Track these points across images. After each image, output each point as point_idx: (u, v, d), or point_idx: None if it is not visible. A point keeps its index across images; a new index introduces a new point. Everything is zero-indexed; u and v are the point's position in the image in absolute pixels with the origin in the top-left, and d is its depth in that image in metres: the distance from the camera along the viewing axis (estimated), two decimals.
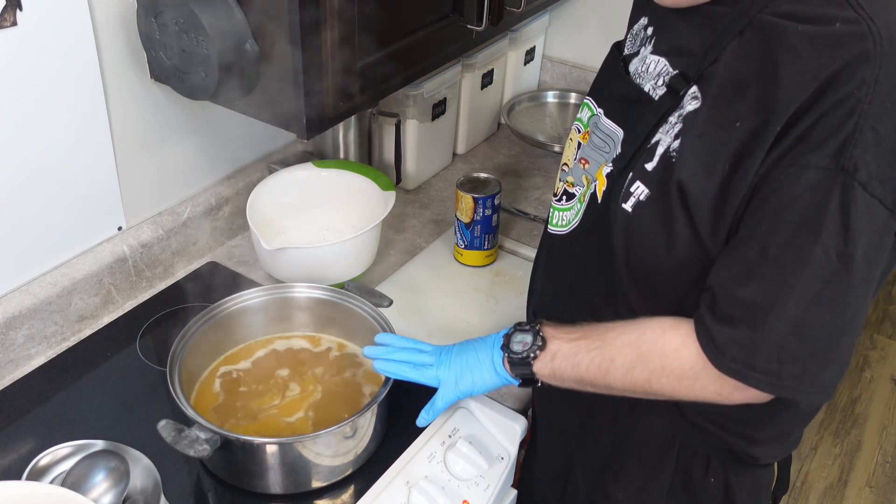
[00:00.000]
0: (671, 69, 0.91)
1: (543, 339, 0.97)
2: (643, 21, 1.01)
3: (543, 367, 0.97)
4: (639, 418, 1.05)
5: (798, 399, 0.86)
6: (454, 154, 1.89)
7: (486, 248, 1.50)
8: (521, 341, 0.99)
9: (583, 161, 1.04)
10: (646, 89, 0.94)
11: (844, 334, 0.82)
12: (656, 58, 0.94)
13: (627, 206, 0.92)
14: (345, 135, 1.59)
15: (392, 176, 1.65)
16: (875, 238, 0.79)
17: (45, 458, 1.06)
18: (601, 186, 0.98)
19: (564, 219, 1.07)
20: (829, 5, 0.81)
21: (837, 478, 2.56)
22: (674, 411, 1.01)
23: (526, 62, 2.02)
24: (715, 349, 0.84)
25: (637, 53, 0.99)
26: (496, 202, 1.46)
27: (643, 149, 0.91)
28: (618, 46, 1.06)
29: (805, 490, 2.51)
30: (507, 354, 1.00)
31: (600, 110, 1.03)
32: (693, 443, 1.03)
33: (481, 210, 1.45)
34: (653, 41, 0.96)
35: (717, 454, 1.04)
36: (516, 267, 1.54)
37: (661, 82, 0.92)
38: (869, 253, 0.79)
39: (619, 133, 0.97)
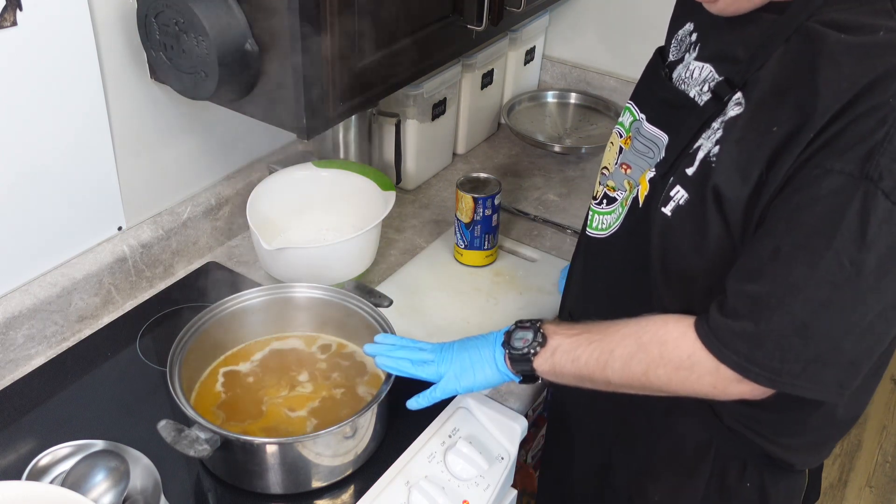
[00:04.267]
0: (716, 75, 0.92)
1: (544, 336, 0.99)
2: (688, 27, 1.00)
3: (543, 363, 0.98)
4: (675, 422, 1.05)
5: (800, 395, 0.86)
6: (454, 154, 1.89)
7: (486, 248, 1.50)
8: (522, 338, 1.00)
9: (624, 166, 1.04)
10: (691, 95, 0.94)
11: (847, 338, 0.82)
12: (701, 64, 0.95)
13: (667, 211, 0.92)
14: (345, 135, 1.59)
15: (392, 176, 1.65)
16: (895, 246, 0.79)
17: (45, 458, 1.06)
18: (643, 191, 0.98)
19: (605, 222, 1.07)
20: (875, 15, 0.81)
21: (837, 478, 2.56)
22: (710, 416, 1.01)
23: (526, 62, 2.02)
24: (716, 340, 0.85)
25: (682, 60, 0.99)
26: (496, 202, 1.46)
27: (685, 154, 0.92)
28: (661, 52, 1.06)
29: None
30: (508, 351, 1.01)
31: (642, 115, 1.03)
32: (730, 447, 1.03)
33: (481, 210, 1.45)
34: (697, 47, 0.97)
35: (754, 459, 1.04)
36: (516, 267, 1.54)
37: (706, 88, 0.92)
38: (886, 261, 0.79)
39: (664, 138, 0.97)
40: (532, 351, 0.99)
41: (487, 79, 1.86)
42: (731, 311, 0.85)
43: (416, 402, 1.08)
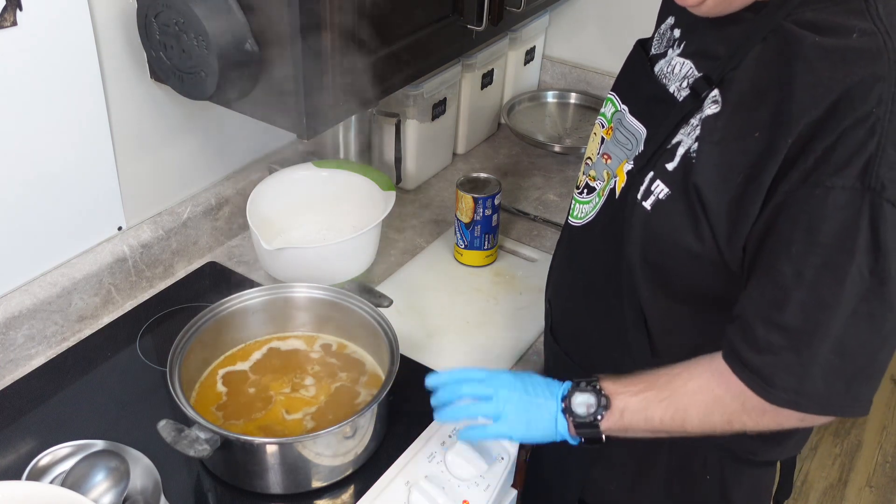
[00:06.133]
0: (696, 72, 0.92)
1: (607, 398, 0.94)
2: (670, 21, 1.01)
3: (612, 425, 0.95)
4: None
5: (844, 416, 0.87)
6: (454, 154, 1.89)
7: (486, 248, 1.50)
8: (584, 403, 0.95)
9: (605, 156, 1.05)
10: (671, 90, 0.95)
11: (883, 349, 0.82)
12: (682, 60, 0.95)
13: (647, 205, 0.92)
14: (345, 135, 1.59)
15: (392, 176, 1.65)
16: None
17: (45, 458, 1.06)
18: (620, 182, 0.99)
19: (583, 211, 1.08)
20: (848, 14, 0.81)
21: (837, 478, 2.56)
22: None
23: (526, 62, 2.02)
24: (761, 381, 0.84)
25: (664, 55, 1.00)
26: (496, 202, 1.46)
27: (663, 148, 0.92)
28: (642, 44, 1.06)
29: (805, 490, 2.51)
30: (571, 418, 0.96)
31: (624, 107, 1.03)
32: (687, 438, 1.03)
33: (481, 210, 1.45)
34: (682, 44, 0.97)
35: (714, 451, 1.04)
36: (516, 267, 1.54)
37: (685, 84, 0.93)
38: None
39: (643, 131, 0.98)
40: (598, 416, 0.94)
41: (487, 79, 1.86)
42: (765, 345, 0.83)
43: (467, 435, 1.03)
